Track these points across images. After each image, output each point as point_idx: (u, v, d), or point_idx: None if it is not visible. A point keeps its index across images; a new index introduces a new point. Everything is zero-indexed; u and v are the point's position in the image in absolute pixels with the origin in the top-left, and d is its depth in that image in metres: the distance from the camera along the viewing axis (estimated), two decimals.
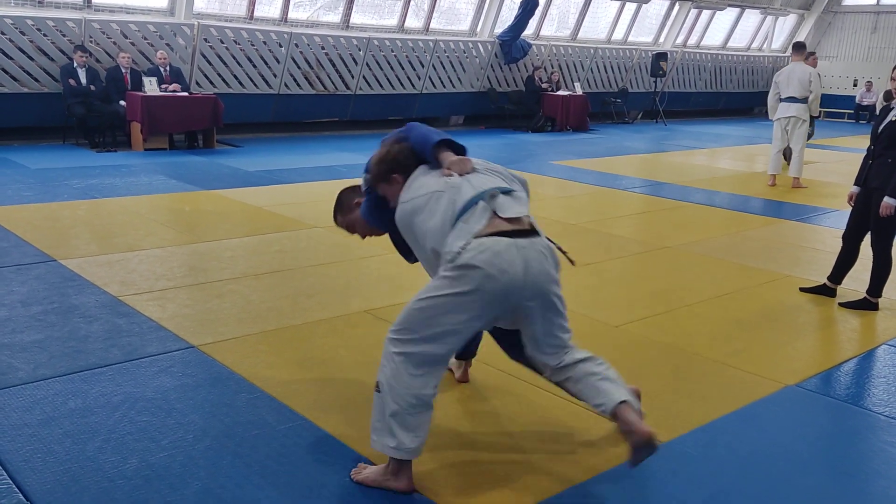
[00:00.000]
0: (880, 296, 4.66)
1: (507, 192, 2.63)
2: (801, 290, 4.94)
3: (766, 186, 9.12)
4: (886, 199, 4.41)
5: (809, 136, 9.63)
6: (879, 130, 4.63)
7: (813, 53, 10.16)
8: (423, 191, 2.63)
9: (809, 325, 4.43)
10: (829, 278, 4.89)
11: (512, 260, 2.44)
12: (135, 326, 3.86)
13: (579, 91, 15.22)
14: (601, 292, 4.77)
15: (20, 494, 2.42)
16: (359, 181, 2.98)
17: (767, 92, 9.47)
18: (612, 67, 16.82)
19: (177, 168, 8.70)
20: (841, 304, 4.72)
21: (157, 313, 4.06)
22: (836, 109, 20.40)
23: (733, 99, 20.23)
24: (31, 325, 3.82)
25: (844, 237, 4.86)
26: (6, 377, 3.23)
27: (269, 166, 9.07)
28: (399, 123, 12.88)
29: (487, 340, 3.88)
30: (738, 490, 2.64)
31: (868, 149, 4.74)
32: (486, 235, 2.46)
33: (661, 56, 16.72)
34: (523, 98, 14.69)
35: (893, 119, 4.55)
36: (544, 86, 14.75)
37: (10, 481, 2.49)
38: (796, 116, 8.94)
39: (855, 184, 4.79)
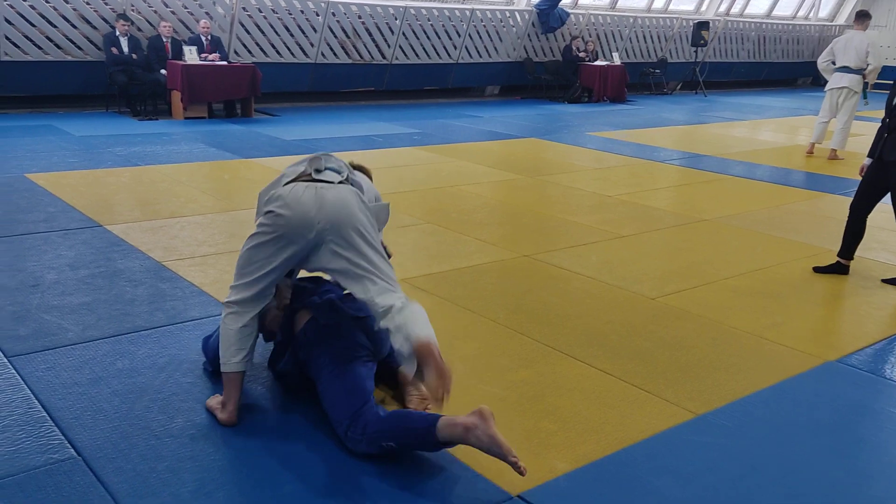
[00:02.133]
0: None
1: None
2: (815, 269, 4.75)
3: (808, 158, 8.94)
4: None
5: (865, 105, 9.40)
6: (894, 103, 4.51)
7: None
8: None
9: (851, 300, 4.37)
10: (839, 255, 4.76)
11: (301, 197, 2.56)
12: (178, 291, 3.95)
13: (617, 61, 14.97)
14: (638, 264, 4.75)
15: (72, 450, 2.52)
16: (395, 151, 2.98)
17: (812, 62, 9.26)
18: (651, 37, 16.50)
19: (216, 136, 8.80)
20: (884, 280, 4.64)
21: (199, 278, 4.15)
22: (885, 80, 19.81)
23: (776, 69, 19.75)
24: (79, 287, 3.94)
25: (852, 207, 4.74)
26: (57, 337, 3.34)
27: (307, 135, 9.13)
28: (435, 93, 12.69)
29: (516, 307, 3.89)
30: (774, 464, 2.64)
31: (882, 121, 4.61)
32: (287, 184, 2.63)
33: (702, 25, 16.36)
34: (560, 68, 14.50)
35: None
36: (581, 55, 14.55)
37: (63, 437, 2.59)
38: (849, 87, 8.73)
39: (868, 156, 4.69)
